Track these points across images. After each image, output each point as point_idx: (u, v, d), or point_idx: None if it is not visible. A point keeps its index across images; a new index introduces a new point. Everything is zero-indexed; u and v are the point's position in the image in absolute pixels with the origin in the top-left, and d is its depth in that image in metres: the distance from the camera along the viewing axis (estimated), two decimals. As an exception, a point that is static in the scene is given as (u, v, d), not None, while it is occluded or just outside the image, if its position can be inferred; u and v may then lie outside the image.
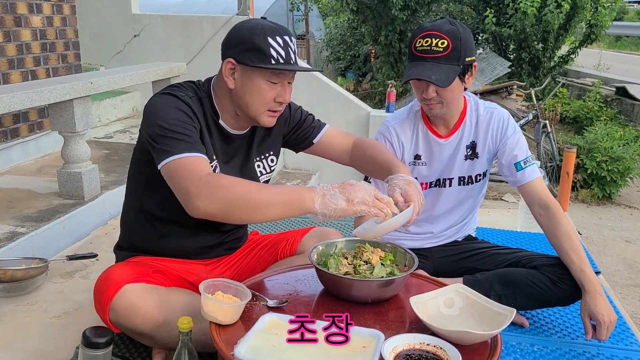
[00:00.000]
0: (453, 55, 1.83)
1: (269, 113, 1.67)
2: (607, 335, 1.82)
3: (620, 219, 5.47)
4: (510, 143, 2.03)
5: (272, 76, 1.60)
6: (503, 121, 2.05)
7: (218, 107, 1.71)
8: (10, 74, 3.65)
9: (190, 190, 1.44)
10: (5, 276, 2.21)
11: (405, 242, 2.15)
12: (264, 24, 1.61)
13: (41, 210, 2.90)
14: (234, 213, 1.45)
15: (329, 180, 5.31)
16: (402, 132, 2.07)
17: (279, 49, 1.58)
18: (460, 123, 2.05)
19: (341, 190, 1.45)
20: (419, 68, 1.84)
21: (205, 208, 1.43)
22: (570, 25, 7.83)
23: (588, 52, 9.84)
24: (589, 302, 1.82)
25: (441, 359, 1.27)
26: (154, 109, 1.60)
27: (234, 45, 1.61)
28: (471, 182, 2.12)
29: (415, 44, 1.87)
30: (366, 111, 5.28)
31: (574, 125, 8.29)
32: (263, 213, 1.46)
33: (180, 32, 5.46)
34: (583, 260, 1.87)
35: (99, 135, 4.58)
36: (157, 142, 1.54)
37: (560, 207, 2.01)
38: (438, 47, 1.83)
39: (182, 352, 1.41)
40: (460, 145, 2.06)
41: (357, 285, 1.50)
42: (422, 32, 1.86)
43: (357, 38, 11.22)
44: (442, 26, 1.85)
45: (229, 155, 1.77)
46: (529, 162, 2.02)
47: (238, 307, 1.41)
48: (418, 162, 2.08)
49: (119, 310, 1.57)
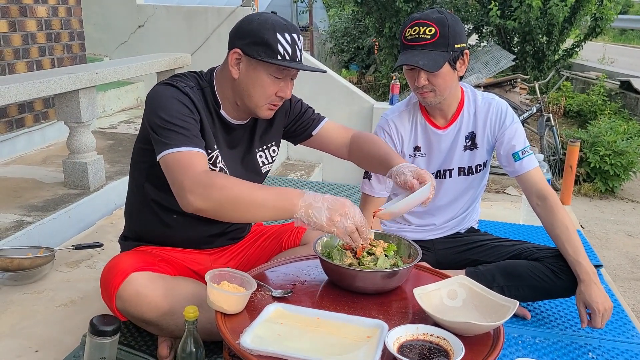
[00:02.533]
0: (441, 42, 1.86)
1: (269, 106, 1.69)
2: (604, 323, 1.84)
3: (623, 213, 5.47)
4: (509, 133, 2.04)
5: (277, 71, 1.62)
6: (501, 111, 2.06)
7: (220, 97, 1.72)
8: (15, 64, 3.66)
9: (184, 185, 1.47)
10: (12, 265, 2.23)
11: (408, 234, 2.17)
12: (274, 19, 1.63)
13: (47, 200, 2.92)
14: (225, 212, 1.48)
15: (331, 173, 5.32)
16: (401, 124, 2.08)
17: (286, 46, 1.60)
18: (458, 114, 2.06)
19: (329, 206, 1.46)
20: (407, 55, 1.88)
21: (198, 205, 1.46)
22: (575, 18, 7.79)
23: (592, 46, 9.80)
24: (583, 290, 1.84)
25: (444, 350, 1.28)
26: (156, 99, 1.62)
27: (243, 37, 1.62)
28: (471, 172, 2.13)
29: (405, 34, 1.91)
30: (370, 103, 5.28)
31: (578, 118, 8.27)
32: (253, 215, 1.50)
33: (185, 23, 5.45)
34: (578, 251, 1.89)
35: (103, 126, 4.60)
36: (157, 133, 1.57)
37: (558, 198, 2.02)
38: (426, 35, 1.86)
39: (188, 340, 1.43)
40: (459, 135, 2.07)
41: (361, 277, 1.51)
42: (411, 22, 1.90)
43: (361, 30, 11.17)
44: (429, 15, 1.88)
45: (231, 145, 1.78)
46: (527, 153, 2.03)
47: (244, 296, 1.42)
48: (418, 154, 2.10)
49: (126, 298, 1.59)
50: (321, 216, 1.44)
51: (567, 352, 1.91)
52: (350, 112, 5.20)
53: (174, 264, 1.79)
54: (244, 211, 1.48)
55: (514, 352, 1.88)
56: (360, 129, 2.07)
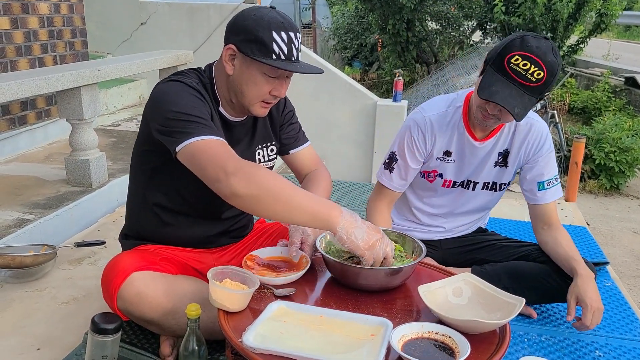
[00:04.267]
0: (541, 89, 1.71)
1: (262, 104, 1.66)
2: (594, 323, 1.78)
3: (628, 210, 5.45)
4: (542, 161, 1.98)
5: (271, 70, 1.58)
6: (541, 136, 1.97)
7: (218, 94, 1.70)
8: (17, 62, 3.65)
9: (227, 167, 1.41)
10: (14, 262, 2.22)
11: (415, 234, 2.15)
12: (271, 16, 1.57)
13: (49, 198, 2.91)
14: (262, 204, 1.41)
15: (334, 170, 5.30)
16: (438, 125, 1.97)
17: (282, 45, 1.55)
18: (499, 129, 1.97)
19: (368, 231, 1.45)
20: (505, 92, 1.70)
21: (240, 189, 1.39)
22: (579, 14, 7.76)
23: (597, 42, 9.75)
24: (579, 284, 1.80)
25: (450, 348, 1.26)
26: (163, 97, 1.57)
27: (238, 33, 1.58)
28: (495, 189, 2.08)
29: (511, 58, 1.70)
30: (373, 100, 5.25)
31: (582, 115, 8.24)
32: (290, 214, 1.43)
33: (187, 20, 5.44)
34: (578, 255, 1.90)
35: (106, 123, 4.59)
36: (172, 125, 1.50)
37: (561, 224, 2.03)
38: (533, 77, 1.69)
39: (190, 338, 1.41)
40: (493, 151, 2.00)
41: (365, 274, 1.49)
42: (524, 51, 1.69)
43: (364, 27, 11.16)
44: (546, 54, 1.68)
45: (230, 142, 1.76)
46: (553, 184, 1.98)
47: (246, 294, 1.41)
48: (447, 159, 2.02)
49: (127, 298, 1.57)
50: (361, 237, 1.43)
51: (573, 350, 1.89)
52: (353, 109, 5.17)
53: (176, 262, 1.77)
54: (281, 207, 1.42)
55: (520, 350, 1.86)
56: (364, 126, 2.06)
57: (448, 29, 9.90)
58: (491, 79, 1.73)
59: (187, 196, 1.74)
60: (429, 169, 2.05)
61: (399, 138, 2.04)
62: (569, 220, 3.25)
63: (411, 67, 9.45)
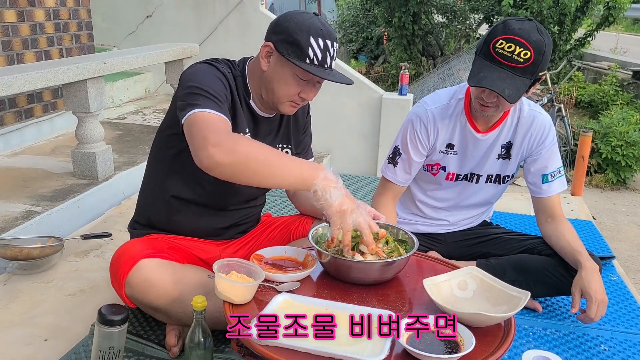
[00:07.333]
0: (531, 69, 1.71)
1: (291, 103, 1.70)
2: (598, 316, 1.78)
3: (635, 205, 5.42)
4: (545, 153, 1.98)
5: (302, 73, 1.62)
6: (545, 129, 1.97)
7: (250, 87, 1.74)
8: (24, 54, 3.66)
9: (208, 137, 1.41)
10: (22, 254, 2.24)
11: (420, 227, 2.15)
12: (312, 22, 1.61)
13: (56, 190, 2.92)
14: (245, 171, 1.41)
15: (340, 164, 5.30)
16: (440, 118, 1.97)
17: (317, 51, 1.59)
18: (502, 121, 1.97)
19: (346, 195, 1.45)
20: (493, 75, 1.70)
21: (219, 158, 1.38)
22: (587, 7, 7.68)
23: (605, 35, 9.67)
24: (584, 276, 1.80)
25: (454, 341, 1.27)
26: (192, 74, 1.62)
27: (278, 33, 1.62)
28: (498, 181, 2.08)
29: (495, 43, 1.71)
30: (379, 94, 5.24)
31: (589, 109, 8.18)
32: (274, 178, 1.44)
33: (193, 13, 5.43)
34: (583, 247, 1.91)
35: (112, 116, 4.60)
36: (186, 99, 1.54)
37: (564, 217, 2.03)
38: (519, 58, 1.69)
39: (196, 330, 1.42)
40: (496, 143, 1.99)
41: (358, 267, 1.48)
42: (507, 34, 1.69)
43: (369, 20, 11.09)
44: (530, 34, 1.68)
45: (255, 135, 1.79)
46: (556, 175, 1.98)
47: (251, 287, 1.41)
48: (450, 152, 2.02)
49: (135, 284, 1.59)
50: (335, 198, 1.42)
51: (578, 344, 1.89)
52: (359, 102, 5.16)
53: (183, 252, 1.79)
54: (265, 172, 1.42)
55: (525, 344, 1.86)
56: (370, 119, 2.06)
57: (454, 22, 9.84)
58: (480, 66, 1.75)
59: (205, 184, 1.75)
60: (432, 162, 2.05)
61: (402, 132, 2.04)
62: (575, 214, 3.24)
63: (417, 61, 9.40)
